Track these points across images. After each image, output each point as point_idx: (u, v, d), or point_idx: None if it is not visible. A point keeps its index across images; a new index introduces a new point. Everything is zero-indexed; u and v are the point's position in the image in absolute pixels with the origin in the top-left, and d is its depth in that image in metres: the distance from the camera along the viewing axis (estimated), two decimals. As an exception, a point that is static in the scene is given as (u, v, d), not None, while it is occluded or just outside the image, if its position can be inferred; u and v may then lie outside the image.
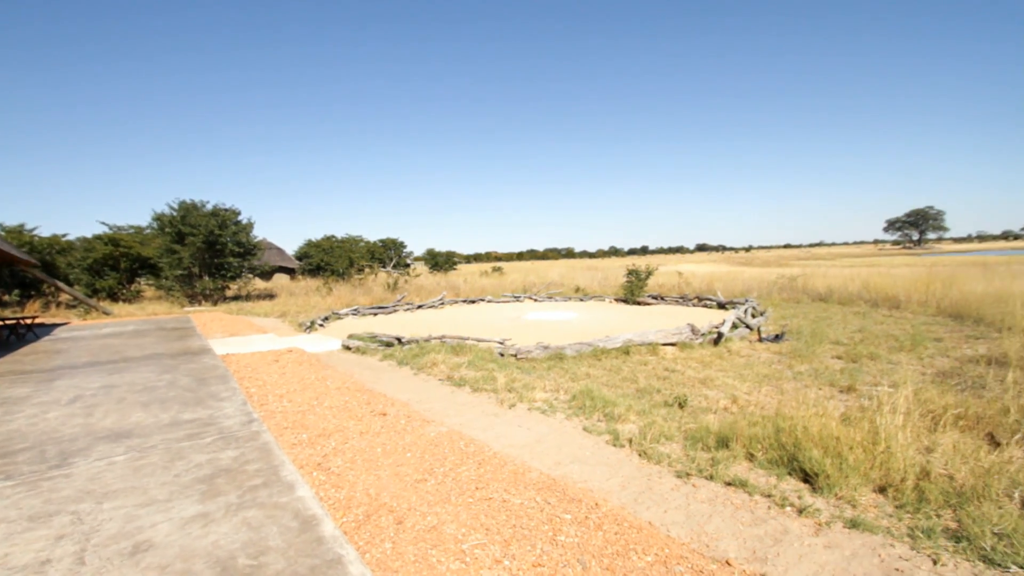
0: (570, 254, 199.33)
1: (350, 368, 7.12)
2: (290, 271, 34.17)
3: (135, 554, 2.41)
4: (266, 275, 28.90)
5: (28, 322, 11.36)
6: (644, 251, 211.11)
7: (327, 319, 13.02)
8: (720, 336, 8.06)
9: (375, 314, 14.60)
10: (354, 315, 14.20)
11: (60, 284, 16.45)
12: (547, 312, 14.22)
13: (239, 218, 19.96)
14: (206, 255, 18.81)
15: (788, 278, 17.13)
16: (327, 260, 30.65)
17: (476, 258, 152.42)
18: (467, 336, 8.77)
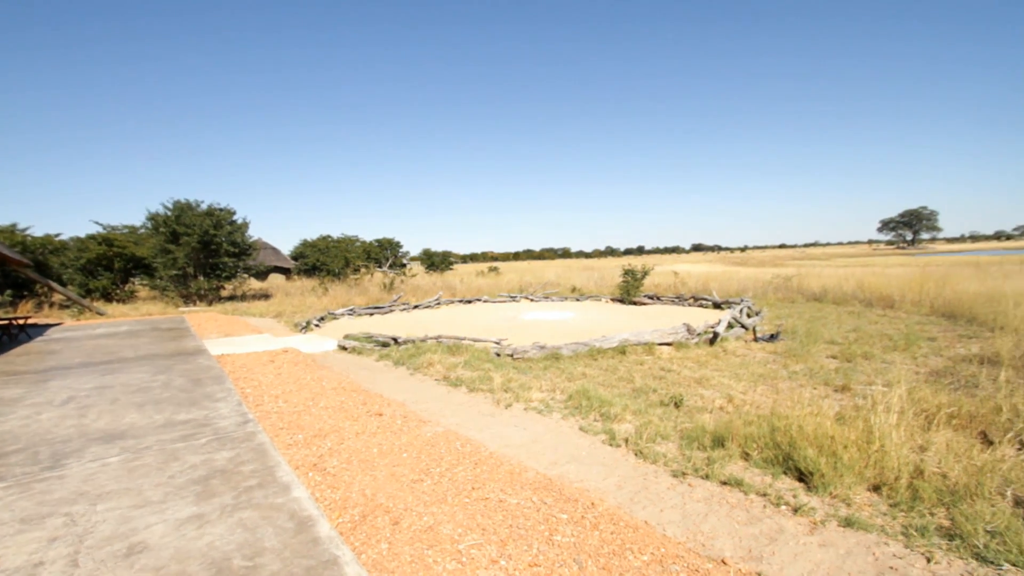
0: (566, 254, 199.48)
1: (346, 368, 7.11)
2: (286, 271, 34.01)
3: (129, 556, 2.39)
4: (261, 275, 28.75)
5: (21, 323, 11.27)
6: (640, 251, 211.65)
7: (323, 319, 12.98)
8: (716, 336, 8.09)
9: (371, 314, 14.56)
10: (350, 315, 14.16)
11: (53, 284, 16.29)
12: (543, 312, 14.23)
13: (234, 218, 19.89)
14: (201, 255, 18.70)
15: (783, 278, 17.21)
16: (323, 260, 30.54)
17: (472, 258, 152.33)
18: (463, 336, 8.76)
